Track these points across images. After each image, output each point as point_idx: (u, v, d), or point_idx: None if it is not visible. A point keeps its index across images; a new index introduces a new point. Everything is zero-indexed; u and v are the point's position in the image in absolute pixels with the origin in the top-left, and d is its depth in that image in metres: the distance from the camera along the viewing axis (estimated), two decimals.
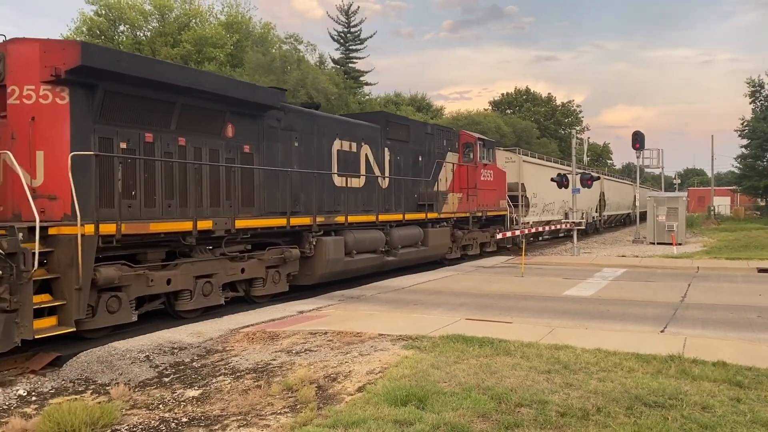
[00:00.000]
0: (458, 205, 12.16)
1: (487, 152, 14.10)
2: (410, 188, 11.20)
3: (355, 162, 9.48)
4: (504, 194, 15.06)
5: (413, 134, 11.59)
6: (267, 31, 28.45)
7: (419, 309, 7.12)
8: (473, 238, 13.56)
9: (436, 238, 11.19)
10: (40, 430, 3.13)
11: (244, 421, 3.37)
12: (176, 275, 5.22)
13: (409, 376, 4.01)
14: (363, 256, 8.89)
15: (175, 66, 6.20)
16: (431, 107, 39.14)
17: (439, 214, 11.71)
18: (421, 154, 11.79)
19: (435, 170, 12.02)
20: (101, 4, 25.35)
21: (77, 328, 4.40)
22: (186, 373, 4.40)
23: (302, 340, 5.34)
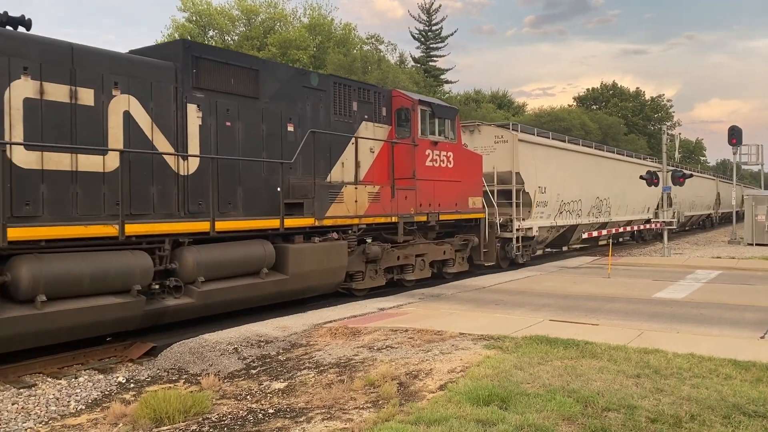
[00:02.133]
0: (372, 204, 11.18)
1: (440, 124, 13.19)
2: (263, 177, 9.78)
3: (92, 123, 7.68)
4: (478, 188, 14.59)
5: (271, 84, 9.99)
6: (348, 32, 43.03)
7: (501, 309, 9.96)
8: (414, 255, 12.74)
9: (308, 260, 9.74)
10: (138, 416, 5.04)
11: (327, 414, 4.99)
12: None
13: (492, 376, 5.71)
14: (86, 302, 7.19)
15: None
16: (513, 104, 54.81)
17: (319, 219, 10.06)
18: (295, 120, 10.40)
19: (322, 148, 10.77)
20: (192, 11, 38.95)
21: None
22: (272, 365, 6.64)
23: (383, 337, 7.74)
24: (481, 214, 14.75)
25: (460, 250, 14.54)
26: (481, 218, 14.87)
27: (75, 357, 7.62)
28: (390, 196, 11.85)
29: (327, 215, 10.45)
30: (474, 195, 14.49)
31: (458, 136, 14.01)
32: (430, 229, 13.65)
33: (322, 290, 10.68)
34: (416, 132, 12.64)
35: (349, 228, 11.05)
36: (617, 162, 24.52)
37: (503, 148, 16.76)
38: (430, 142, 12.98)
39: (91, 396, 6.50)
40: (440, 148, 13.29)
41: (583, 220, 21.22)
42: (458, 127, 14.01)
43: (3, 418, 5.81)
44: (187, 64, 8.78)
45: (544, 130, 20.92)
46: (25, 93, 7.11)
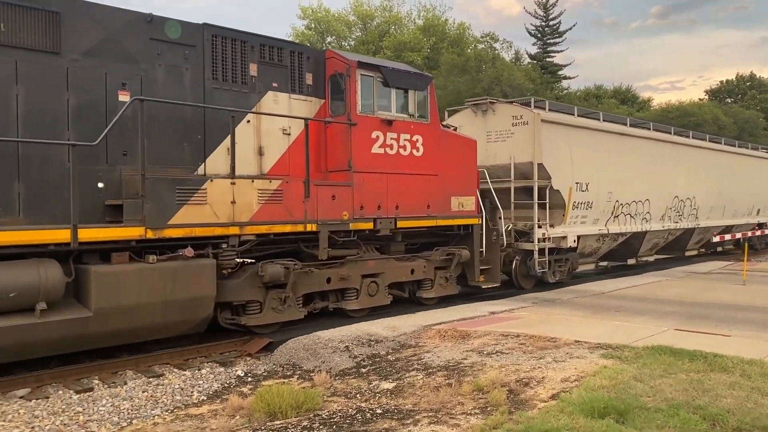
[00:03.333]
0: (268, 206, 8.10)
1: (398, 97, 9.87)
2: (67, 167, 6.68)
3: None
4: (468, 185, 11.01)
5: (85, 36, 7.14)
6: (462, 31, 44.00)
7: (621, 316, 9.65)
8: (359, 276, 9.54)
9: (132, 289, 6.97)
10: (253, 409, 5.61)
11: (434, 418, 5.30)
12: None
13: (608, 388, 5.72)
14: None
15: None
16: (637, 99, 53.28)
17: (154, 229, 7.12)
18: (135, 86, 7.47)
19: (183, 127, 7.93)
20: (311, 18, 41.90)
21: None
22: (381, 365, 7.27)
23: (493, 342, 7.88)
24: (472, 219, 10.94)
25: (442, 268, 10.80)
26: (475, 224, 11.02)
27: (199, 350, 8.12)
28: (302, 194, 8.44)
29: (173, 223, 7.26)
30: (461, 194, 10.77)
31: (433, 113, 10.35)
32: (391, 241, 10.10)
33: (173, 331, 7.56)
34: (353, 106, 9.19)
35: (223, 241, 7.76)
36: (710, 152, 19.39)
37: (523, 132, 12.84)
38: (381, 120, 9.47)
39: (212, 388, 6.93)
40: (398, 130, 9.73)
41: (654, 226, 16.58)
42: (433, 102, 10.33)
43: (134, 405, 6.31)
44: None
45: (592, 110, 16.44)
46: None
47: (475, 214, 11.18)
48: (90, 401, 6.31)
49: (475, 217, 11.15)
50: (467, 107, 13.68)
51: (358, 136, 9.28)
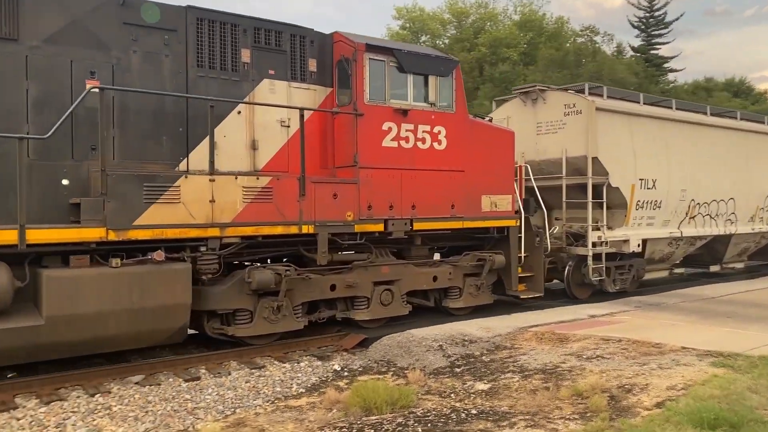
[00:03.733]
0: (255, 204, 7.44)
1: (416, 84, 8.88)
2: (27, 163, 6.43)
3: None
4: (503, 181, 9.82)
5: (47, 20, 6.70)
6: (560, 26, 43.09)
7: (732, 322, 9.20)
8: (370, 283, 8.72)
9: (92, 296, 6.39)
10: (349, 403, 5.75)
11: (531, 421, 5.25)
12: None
13: (719, 398, 5.47)
14: None
15: None
16: (752, 91, 51.05)
17: (117, 230, 6.53)
18: (105, 75, 6.99)
19: (158, 119, 7.36)
20: (406, 18, 42.36)
21: None
22: (476, 366, 7.19)
23: (593, 346, 7.72)
24: (508, 221, 9.73)
25: (473, 275, 9.66)
26: (511, 227, 9.80)
27: (298, 344, 8.30)
28: (296, 192, 7.62)
29: (139, 223, 6.62)
30: (494, 192, 9.62)
31: (460, 102, 9.24)
32: (411, 245, 9.11)
33: (145, 342, 6.96)
34: (360, 94, 8.27)
35: (201, 243, 7.07)
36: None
37: (575, 122, 11.47)
38: (394, 110, 8.49)
39: (311, 381, 7.13)
40: (416, 120, 8.71)
41: (741, 229, 14.58)
42: (460, 89, 9.23)
43: (237, 395, 6.59)
44: None
45: (663, 98, 14.63)
46: None
47: (512, 215, 9.93)
48: (197, 389, 6.64)
49: (511, 219, 9.91)
50: (516, 96, 12.39)
51: (366, 127, 8.34)
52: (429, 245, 9.64)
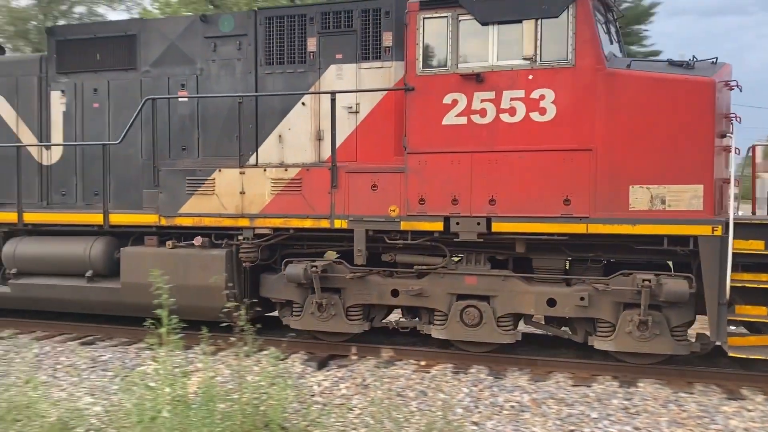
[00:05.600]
0: (282, 197, 7.35)
1: (501, 35, 6.74)
2: (141, 163, 8.29)
3: None
4: (685, 166, 6.28)
5: (154, 47, 8.33)
6: None
7: None
8: (446, 294, 7.25)
9: (145, 269, 6.60)
10: None
11: None
12: None
13: None
14: None
15: None
16: None
17: (166, 217, 7.78)
18: (191, 84, 8.21)
19: (232, 118, 7.96)
20: None
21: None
22: None
23: None
24: (692, 226, 6.32)
25: (651, 308, 6.64)
26: (701, 237, 6.32)
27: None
28: (328, 183, 7.35)
29: (184, 212, 7.88)
30: (658, 180, 6.49)
31: (584, 48, 6.59)
32: (538, 252, 7.15)
33: (193, 314, 8.05)
34: (412, 64, 7.09)
35: (237, 233, 7.78)
36: None
37: None
38: (461, 77, 6.88)
39: None
40: (499, 85, 6.83)
41: None
42: (583, 27, 6.55)
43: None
44: (51, 50, 8.87)
45: None
46: None
47: (700, 218, 6.22)
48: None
49: (695, 223, 6.22)
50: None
51: (420, 103, 7.02)
52: (564, 256, 7.04)
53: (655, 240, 6.49)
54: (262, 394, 5.00)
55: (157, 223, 7.99)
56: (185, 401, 4.63)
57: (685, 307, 6.56)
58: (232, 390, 5.15)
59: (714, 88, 6.22)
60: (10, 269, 8.70)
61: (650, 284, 6.40)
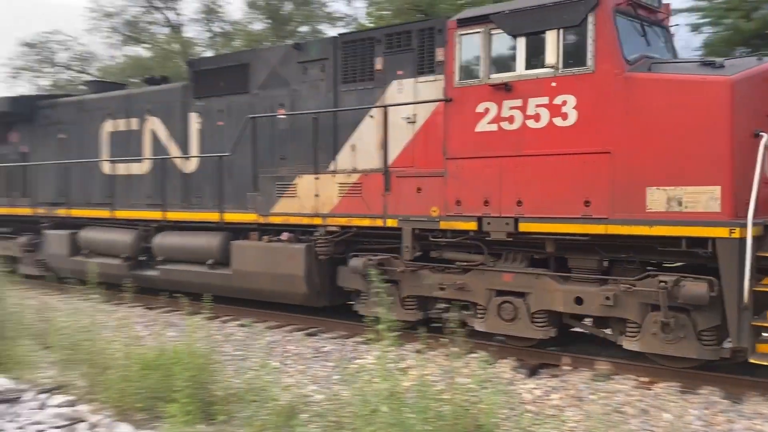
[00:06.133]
0: (347, 199, 8.60)
1: (530, 45, 7.05)
2: (250, 171, 9.74)
3: (136, 143, 11.48)
4: (700, 167, 6.09)
5: (261, 73, 9.92)
6: None
7: None
8: (486, 290, 7.66)
9: (252, 259, 9.55)
10: None
11: None
12: None
13: None
14: (102, 259, 11.56)
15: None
16: None
17: (262, 215, 9.55)
18: (287, 103, 9.62)
19: (317, 132, 9.15)
20: None
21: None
22: None
23: None
24: (707, 228, 6.37)
25: (674, 309, 6.78)
26: (718, 239, 6.34)
27: None
28: (382, 187, 8.41)
29: (274, 211, 9.43)
30: (674, 181, 6.57)
31: (603, 53, 6.86)
32: (570, 251, 7.56)
33: (281, 298, 9.57)
34: (450, 77, 7.87)
35: (311, 229, 9.11)
36: None
37: None
38: (492, 87, 7.50)
39: None
40: (525, 93, 7.34)
41: None
42: (603, 33, 6.82)
43: None
44: (190, 79, 10.96)
45: None
46: (108, 129, 12.15)
47: (716, 220, 6.18)
48: None
49: (711, 225, 6.19)
50: None
51: (456, 113, 7.74)
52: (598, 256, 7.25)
53: (675, 242, 6.45)
54: (471, 397, 4.97)
55: (256, 220, 9.53)
56: (400, 397, 4.68)
57: (711, 311, 6.42)
58: (443, 390, 5.10)
59: (731, 88, 6.08)
60: (158, 257, 10.86)
61: (666, 286, 6.40)
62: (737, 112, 6.14)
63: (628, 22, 7.03)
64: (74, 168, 12.54)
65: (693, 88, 6.30)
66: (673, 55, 7.75)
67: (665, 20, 7.77)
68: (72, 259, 12.19)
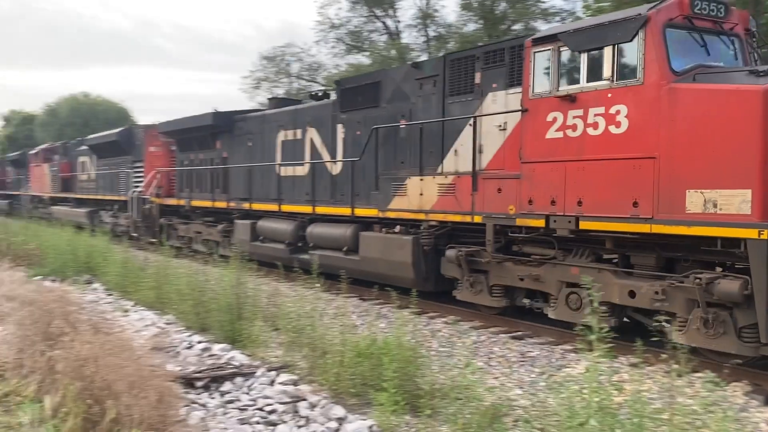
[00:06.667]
0: (444, 198, 10.02)
1: (590, 61, 7.73)
2: (378, 173, 11.53)
3: (300, 149, 13.84)
4: (733, 172, 6.35)
5: (388, 90, 11.55)
6: None
7: None
8: (557, 281, 8.45)
9: (373, 247, 11.32)
10: None
11: None
12: None
13: None
14: (272, 244, 14.27)
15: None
16: None
17: (381, 211, 11.28)
18: (407, 115, 11.12)
19: (426, 139, 10.62)
20: None
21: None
22: None
23: None
24: (738, 230, 6.83)
25: (715, 305, 7.30)
26: (750, 240, 6.78)
27: None
28: (470, 187, 9.69)
29: (390, 207, 11.09)
30: (710, 185, 7.04)
31: (652, 67, 7.47)
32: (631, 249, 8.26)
33: (395, 282, 11.09)
34: (526, 90, 8.89)
35: (418, 224, 10.62)
36: None
37: None
38: (560, 98, 8.42)
39: None
40: (585, 104, 8.17)
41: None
42: (652, 49, 7.44)
43: None
44: (339, 96, 13.05)
45: None
46: (281, 138, 14.73)
47: (746, 222, 6.55)
48: None
49: (741, 227, 6.57)
50: None
51: (531, 122, 8.70)
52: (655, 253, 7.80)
53: (712, 242, 6.81)
54: (695, 420, 4.59)
55: (377, 215, 11.20)
56: (612, 412, 4.39)
57: (749, 309, 6.67)
58: (662, 410, 4.68)
59: (761, 96, 6.35)
60: (310, 243, 13.04)
61: (701, 283, 6.79)
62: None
63: (684, 34, 7.44)
64: (256, 170, 15.31)
65: (726, 97, 6.65)
66: (743, 63, 7.85)
67: (736, 27, 7.89)
68: (252, 244, 14.95)
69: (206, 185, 17.62)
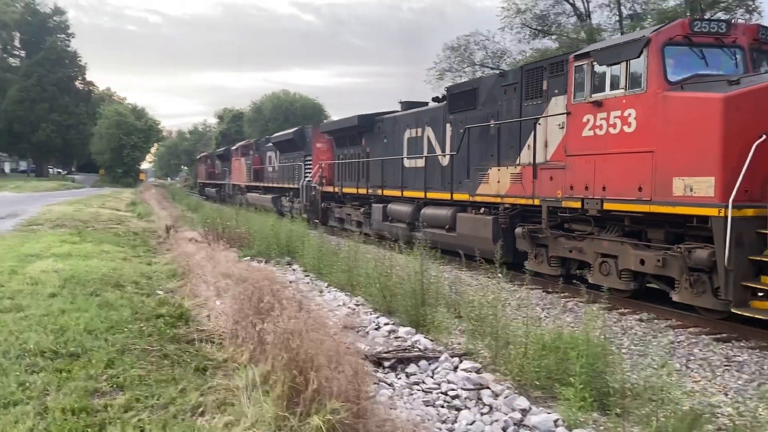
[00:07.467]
0: (514, 185, 12.37)
1: (612, 74, 9.42)
2: (472, 165, 13.91)
3: (420, 145, 16.59)
4: (703, 162, 7.83)
5: (483, 95, 13.84)
6: None
7: None
8: (594, 252, 10.29)
9: (466, 225, 13.98)
10: None
11: None
12: None
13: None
14: (397, 223, 17.40)
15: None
16: None
17: (471, 196, 13.84)
18: (495, 116, 13.31)
19: (506, 136, 12.87)
20: None
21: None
22: None
23: None
24: (705, 209, 8.49)
25: (696, 270, 8.97)
26: (713, 217, 8.43)
27: None
28: (531, 176, 11.86)
29: (477, 193, 13.50)
30: (688, 173, 8.79)
31: (652, 78, 9.20)
32: (641, 226, 10.07)
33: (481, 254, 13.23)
34: (569, 97, 10.89)
35: (497, 206, 12.90)
36: None
37: None
38: (591, 104, 10.36)
39: None
40: (608, 108, 10.07)
41: None
42: (653, 63, 9.18)
43: None
44: (449, 99, 15.59)
45: None
46: (407, 135, 17.63)
47: (711, 202, 8.19)
48: None
49: (707, 206, 8.21)
50: None
51: (572, 123, 10.65)
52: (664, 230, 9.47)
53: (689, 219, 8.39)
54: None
55: (468, 199, 13.59)
56: None
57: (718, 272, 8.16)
58: None
59: (722, 103, 7.88)
60: (423, 223, 15.74)
61: (681, 251, 8.42)
62: (729, 121, 7.85)
63: (684, 49, 8.95)
64: (388, 162, 18.33)
65: (697, 103, 8.22)
66: (745, 71, 9.07)
67: (738, 40, 9.12)
68: (384, 224, 18.02)
69: (354, 175, 21.05)
